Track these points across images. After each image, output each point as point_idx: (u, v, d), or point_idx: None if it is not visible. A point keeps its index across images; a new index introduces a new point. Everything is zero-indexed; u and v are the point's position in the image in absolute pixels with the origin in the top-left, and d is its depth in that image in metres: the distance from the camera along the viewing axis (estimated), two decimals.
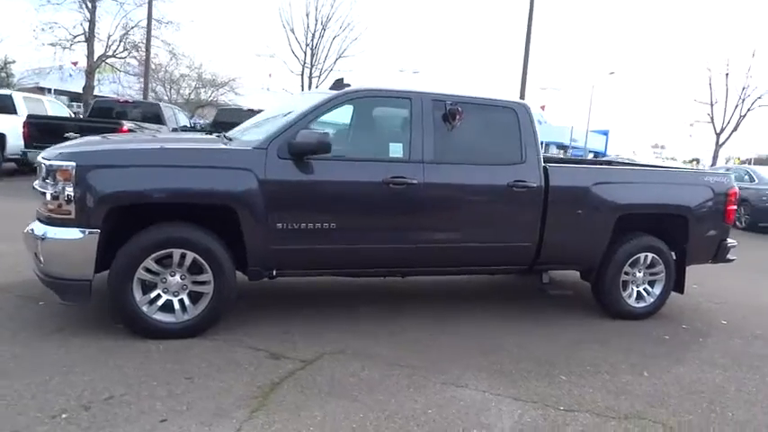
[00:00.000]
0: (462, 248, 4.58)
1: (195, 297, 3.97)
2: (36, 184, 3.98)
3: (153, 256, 3.79)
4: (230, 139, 4.49)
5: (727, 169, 16.41)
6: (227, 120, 13.24)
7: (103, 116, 13.57)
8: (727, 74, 34.07)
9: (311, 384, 3.43)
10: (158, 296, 3.89)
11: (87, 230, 3.65)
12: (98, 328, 3.97)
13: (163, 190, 3.80)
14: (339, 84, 4.67)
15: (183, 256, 3.86)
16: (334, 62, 34.00)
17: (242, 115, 13.34)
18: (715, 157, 36.01)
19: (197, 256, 3.87)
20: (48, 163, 3.76)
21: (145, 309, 3.84)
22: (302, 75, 34.10)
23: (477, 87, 69.41)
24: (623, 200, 5.01)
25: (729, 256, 5.64)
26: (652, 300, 5.31)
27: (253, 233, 3.98)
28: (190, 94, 34.06)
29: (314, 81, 33.75)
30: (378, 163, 4.34)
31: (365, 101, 4.51)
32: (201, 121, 21.67)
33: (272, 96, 40.27)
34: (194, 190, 3.87)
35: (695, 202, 5.30)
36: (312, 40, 33.96)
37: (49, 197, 3.72)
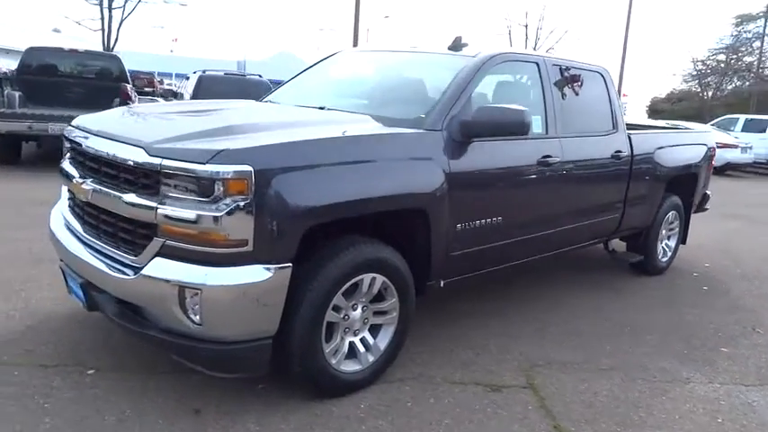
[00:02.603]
0: (584, 227, 4.27)
1: (374, 331, 3.01)
2: (122, 195, 2.52)
3: (343, 288, 2.74)
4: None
5: None
6: (40, 62, 10.08)
7: None
8: (526, 25, 38.39)
9: (588, 418, 2.89)
10: (341, 340, 2.85)
11: (275, 266, 2.44)
12: (238, 398, 2.78)
13: (375, 196, 2.73)
14: (458, 43, 3.81)
15: (371, 282, 2.86)
16: None
17: (63, 57, 10.45)
18: None
19: (386, 280, 2.91)
20: (200, 168, 2.33)
21: (333, 362, 2.78)
22: (101, 6, 27.94)
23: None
24: (672, 163, 5.17)
25: (706, 206, 6.31)
26: (670, 253, 5.69)
27: (439, 239, 3.12)
28: None
29: (115, 14, 27.96)
30: (529, 141, 3.72)
31: (502, 67, 3.76)
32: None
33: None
34: (405, 193, 2.86)
35: (700, 159, 5.74)
36: None
37: (195, 218, 2.36)
